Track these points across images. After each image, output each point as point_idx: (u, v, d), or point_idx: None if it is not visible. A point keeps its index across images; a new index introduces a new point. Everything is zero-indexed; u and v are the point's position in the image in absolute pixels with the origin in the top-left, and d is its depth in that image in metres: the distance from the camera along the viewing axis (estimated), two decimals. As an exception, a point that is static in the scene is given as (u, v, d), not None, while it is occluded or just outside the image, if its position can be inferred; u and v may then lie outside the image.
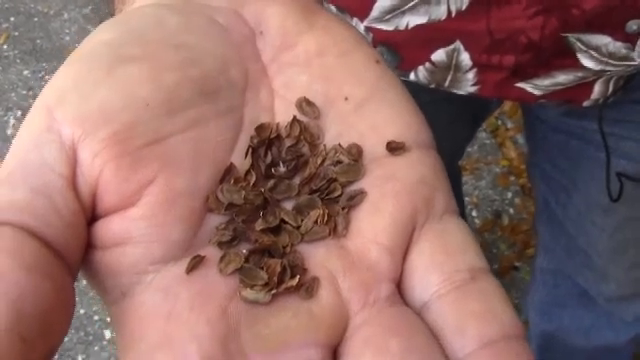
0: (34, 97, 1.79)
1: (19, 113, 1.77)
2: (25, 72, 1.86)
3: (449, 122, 0.83)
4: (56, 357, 1.40)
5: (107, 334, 1.44)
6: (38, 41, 1.93)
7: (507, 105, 1.62)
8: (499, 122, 1.69)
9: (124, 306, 0.25)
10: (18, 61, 1.88)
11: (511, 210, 1.58)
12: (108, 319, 1.44)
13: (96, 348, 1.43)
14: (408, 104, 0.29)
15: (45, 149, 0.24)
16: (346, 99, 0.29)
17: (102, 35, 0.28)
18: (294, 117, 0.28)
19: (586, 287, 0.94)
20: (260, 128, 0.28)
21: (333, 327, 0.24)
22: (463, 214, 1.34)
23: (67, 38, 1.93)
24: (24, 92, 1.82)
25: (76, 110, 0.25)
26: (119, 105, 0.25)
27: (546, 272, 1.03)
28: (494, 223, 1.55)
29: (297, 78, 0.29)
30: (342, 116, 0.29)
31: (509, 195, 1.60)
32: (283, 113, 0.29)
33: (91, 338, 1.44)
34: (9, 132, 1.74)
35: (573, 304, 1.01)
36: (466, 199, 1.55)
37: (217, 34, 0.29)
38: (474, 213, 1.57)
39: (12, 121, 1.76)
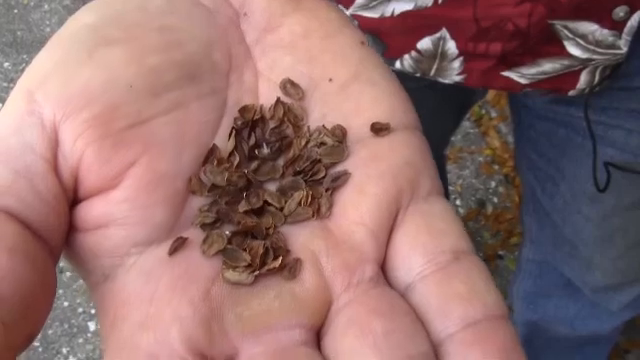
0: (15, 89, 1.77)
1: (0, 105, 1.75)
2: (6, 64, 1.84)
3: (434, 111, 0.82)
4: (40, 350, 1.40)
5: (91, 326, 1.43)
6: (19, 33, 1.91)
7: (490, 94, 1.62)
8: (483, 111, 1.69)
9: (106, 288, 0.24)
10: (-1, 53, 1.87)
11: (495, 199, 1.58)
12: (92, 311, 1.43)
13: (80, 340, 1.42)
14: (393, 85, 0.29)
15: (26, 132, 0.24)
16: (330, 80, 0.29)
17: (84, 18, 0.27)
18: (278, 99, 0.28)
19: (571, 277, 0.94)
20: (243, 110, 0.28)
21: (316, 308, 0.24)
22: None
23: (48, 29, 1.91)
24: (5, 84, 1.80)
25: (58, 92, 0.25)
26: (101, 87, 0.25)
27: (531, 262, 1.03)
28: (478, 212, 1.56)
29: (281, 59, 0.29)
30: (326, 97, 0.29)
31: (493, 184, 1.61)
32: (267, 95, 0.29)
33: (75, 330, 1.43)
34: (-10, 124, 1.73)
35: (558, 294, 1.02)
36: (450, 188, 1.56)
37: (201, 16, 0.29)
38: (458, 202, 1.58)
39: (-7, 113, 1.74)
